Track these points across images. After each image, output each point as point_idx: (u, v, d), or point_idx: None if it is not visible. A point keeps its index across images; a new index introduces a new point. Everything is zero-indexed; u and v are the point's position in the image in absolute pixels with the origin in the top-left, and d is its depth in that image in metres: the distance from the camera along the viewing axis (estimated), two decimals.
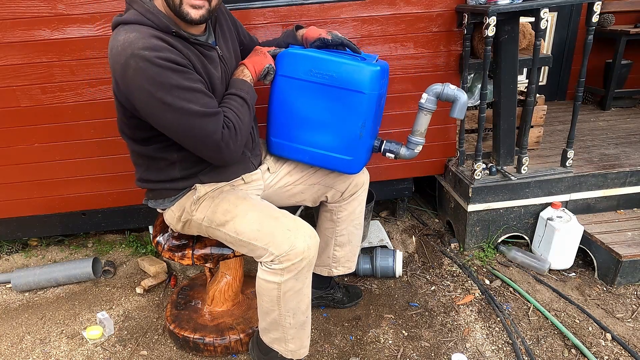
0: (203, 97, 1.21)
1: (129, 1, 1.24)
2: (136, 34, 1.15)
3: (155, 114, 1.19)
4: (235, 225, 1.38)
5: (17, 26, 1.80)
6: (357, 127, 1.45)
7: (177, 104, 1.16)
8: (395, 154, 1.59)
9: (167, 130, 1.24)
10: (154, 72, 1.13)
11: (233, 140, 1.28)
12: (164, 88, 1.14)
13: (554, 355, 1.68)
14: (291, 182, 1.66)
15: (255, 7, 1.93)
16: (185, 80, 1.17)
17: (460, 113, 1.50)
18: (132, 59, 1.12)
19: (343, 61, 1.41)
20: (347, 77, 1.40)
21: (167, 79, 1.14)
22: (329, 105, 1.45)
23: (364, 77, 1.39)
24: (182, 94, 1.17)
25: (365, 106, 1.42)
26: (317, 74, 1.43)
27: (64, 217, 2.30)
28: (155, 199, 1.50)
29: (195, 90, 1.20)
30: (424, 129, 1.56)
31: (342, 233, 1.75)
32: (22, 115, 1.96)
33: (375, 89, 1.41)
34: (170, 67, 1.15)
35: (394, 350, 1.74)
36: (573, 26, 3.19)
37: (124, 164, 2.11)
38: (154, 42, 1.15)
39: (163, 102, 1.16)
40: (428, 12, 2.04)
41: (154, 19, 1.19)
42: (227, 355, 1.73)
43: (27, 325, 1.95)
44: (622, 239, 2.03)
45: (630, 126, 2.85)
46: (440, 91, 1.49)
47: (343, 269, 1.82)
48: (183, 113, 1.18)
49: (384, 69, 1.49)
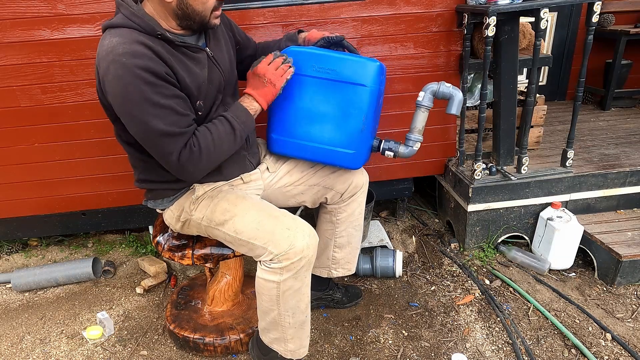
0: (171, 115, 1.21)
1: (118, 5, 1.24)
2: (119, 38, 1.16)
3: (125, 121, 1.24)
4: (234, 225, 1.38)
5: (17, 26, 1.80)
6: (359, 120, 1.48)
7: (141, 118, 1.18)
8: (394, 152, 1.61)
9: (135, 137, 1.27)
10: (127, 81, 1.14)
11: (193, 162, 1.27)
12: (133, 100, 1.16)
13: (554, 355, 1.68)
14: (291, 182, 1.66)
15: (255, 7, 1.93)
16: (156, 95, 1.17)
17: (456, 110, 1.53)
18: (112, 65, 1.14)
19: (346, 56, 1.47)
20: (350, 71, 1.45)
21: (139, 91, 1.15)
22: (331, 99, 1.48)
23: (367, 70, 1.44)
24: (149, 108, 1.17)
25: (367, 99, 1.46)
26: (320, 69, 1.47)
27: (64, 217, 2.30)
28: (154, 199, 1.50)
29: (164, 106, 1.19)
30: (421, 126, 1.58)
31: (342, 234, 1.75)
32: (22, 115, 1.96)
33: (376, 83, 1.46)
34: (145, 79, 1.15)
35: (394, 350, 1.74)
36: (573, 26, 3.19)
37: (124, 164, 2.11)
38: (136, 47, 1.16)
39: (130, 113, 1.19)
40: (428, 12, 2.04)
41: (139, 21, 1.20)
42: (227, 355, 1.73)
43: (27, 325, 1.95)
44: (622, 239, 2.03)
45: (630, 126, 2.85)
46: (437, 89, 1.53)
47: (342, 271, 1.82)
48: (145, 128, 1.20)
49: (383, 67, 1.52)
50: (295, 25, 1.97)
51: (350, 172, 1.67)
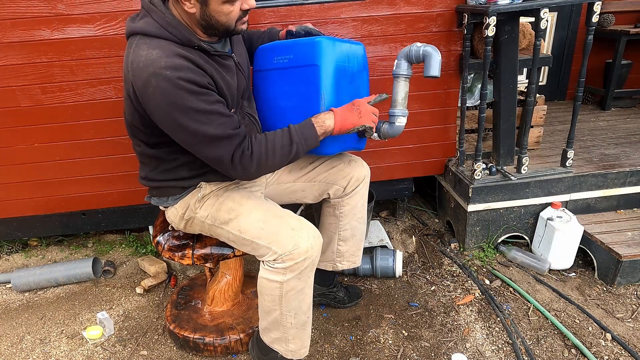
0: (219, 118, 1.22)
1: (147, 9, 1.23)
2: (159, 51, 1.16)
3: (171, 131, 1.23)
4: (239, 224, 1.38)
5: (17, 26, 1.80)
6: (317, 102, 1.40)
7: (191, 126, 1.19)
8: (377, 132, 1.55)
9: (183, 144, 1.27)
10: (172, 94, 1.15)
11: (244, 166, 1.27)
12: (180, 110, 1.16)
13: (554, 355, 1.68)
14: (291, 179, 1.67)
15: (255, 7, 1.93)
16: (202, 103, 1.18)
17: (435, 70, 1.43)
18: (153, 78, 1.14)
19: (297, 41, 1.45)
20: (302, 54, 1.41)
21: (185, 101, 1.16)
22: (296, 87, 1.45)
23: (316, 49, 1.38)
24: (197, 116, 1.18)
25: (321, 78, 1.38)
26: (279, 60, 1.46)
27: (64, 217, 2.30)
28: (159, 197, 1.50)
29: (210, 112, 1.20)
30: (401, 98, 1.49)
31: (346, 228, 1.75)
32: (22, 115, 1.96)
33: (329, 60, 1.37)
34: (189, 89, 1.16)
35: (394, 350, 1.74)
36: (573, 26, 3.20)
37: (124, 164, 2.11)
38: (177, 61, 1.16)
39: (178, 123, 1.19)
40: (428, 12, 2.04)
41: (175, 32, 1.20)
42: (227, 355, 1.73)
43: (27, 325, 1.95)
44: (622, 239, 2.03)
45: (630, 126, 2.85)
46: (408, 52, 1.45)
47: (347, 263, 1.81)
48: (195, 135, 1.20)
49: (346, 43, 1.45)
50: (295, 25, 1.97)
51: (350, 167, 1.67)
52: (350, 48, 1.47)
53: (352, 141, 1.56)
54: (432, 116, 2.26)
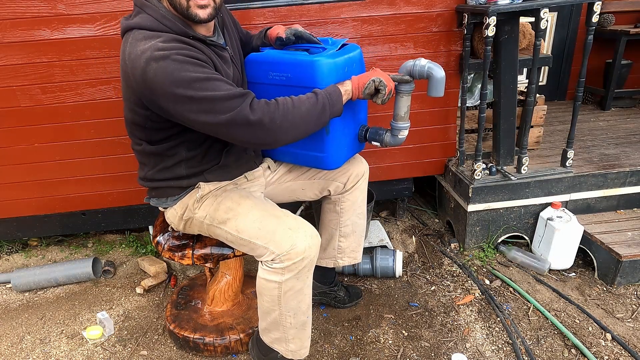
0: (224, 85, 1.19)
1: (140, 5, 1.23)
2: (155, 39, 1.16)
3: (182, 111, 1.17)
4: (236, 223, 1.39)
5: (17, 26, 1.80)
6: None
7: (199, 95, 1.15)
8: (380, 142, 1.56)
9: (198, 125, 1.21)
10: (172, 68, 1.12)
11: (271, 112, 1.20)
12: (184, 83, 1.14)
13: (554, 355, 1.68)
14: (291, 178, 1.68)
15: (255, 7, 1.93)
16: (204, 72, 1.17)
17: (437, 91, 1.41)
18: (152, 60, 1.13)
19: (294, 59, 1.39)
20: (300, 75, 1.38)
21: (186, 72, 1.14)
22: None
23: (315, 72, 1.35)
24: (202, 84, 1.15)
25: None
26: (275, 75, 1.43)
27: (64, 217, 2.30)
28: (158, 197, 1.50)
29: (215, 79, 1.18)
30: (403, 112, 1.50)
31: (346, 223, 1.75)
32: (22, 115, 1.96)
33: (327, 80, 1.36)
34: (189, 61, 1.15)
35: (394, 350, 1.74)
36: (573, 26, 3.20)
37: (124, 164, 2.11)
38: (174, 43, 1.17)
39: (187, 96, 1.15)
40: (428, 12, 2.04)
41: (171, 25, 1.21)
42: (227, 355, 1.73)
43: (27, 325, 1.95)
44: (622, 239, 2.03)
45: (630, 126, 2.85)
46: (411, 68, 1.43)
47: (348, 259, 1.82)
48: (207, 101, 1.15)
49: (346, 58, 1.43)
50: (287, 27, 1.97)
51: (348, 163, 1.68)
52: (346, 58, 1.45)
53: (354, 147, 1.60)
54: (432, 116, 2.26)
